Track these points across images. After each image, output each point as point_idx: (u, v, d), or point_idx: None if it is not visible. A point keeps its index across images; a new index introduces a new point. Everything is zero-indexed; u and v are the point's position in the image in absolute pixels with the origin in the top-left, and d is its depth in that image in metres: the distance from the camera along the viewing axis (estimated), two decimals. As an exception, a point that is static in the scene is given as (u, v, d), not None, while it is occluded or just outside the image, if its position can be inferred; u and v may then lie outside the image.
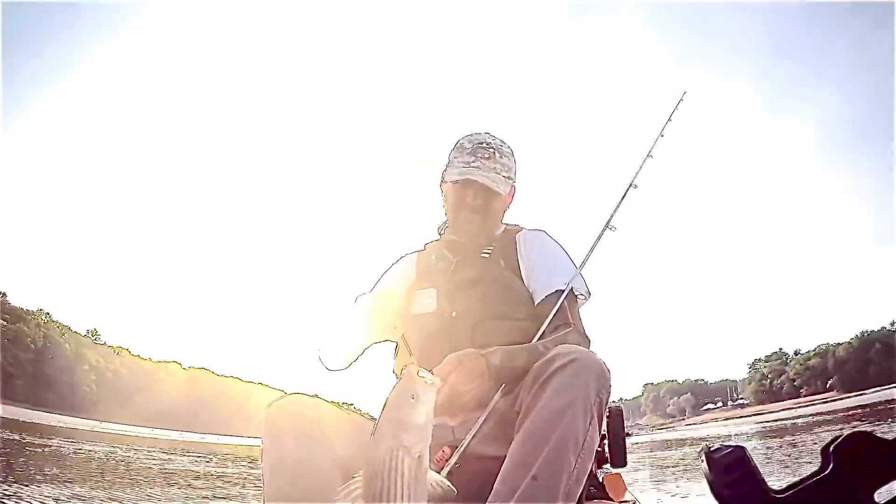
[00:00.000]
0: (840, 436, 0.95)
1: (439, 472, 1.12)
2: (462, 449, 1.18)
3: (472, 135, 1.60)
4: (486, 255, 1.57)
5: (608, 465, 1.63)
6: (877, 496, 0.89)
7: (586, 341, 1.38)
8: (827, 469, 0.94)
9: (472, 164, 1.53)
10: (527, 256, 1.55)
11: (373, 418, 1.21)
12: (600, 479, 1.56)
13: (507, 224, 1.69)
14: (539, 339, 1.33)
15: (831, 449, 0.95)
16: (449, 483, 0.98)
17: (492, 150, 1.55)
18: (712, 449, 1.16)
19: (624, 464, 1.60)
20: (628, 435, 1.64)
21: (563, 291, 1.43)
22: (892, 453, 0.89)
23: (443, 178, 1.64)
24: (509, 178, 1.59)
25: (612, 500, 1.51)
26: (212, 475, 9.93)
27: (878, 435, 0.92)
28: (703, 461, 1.18)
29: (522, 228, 1.66)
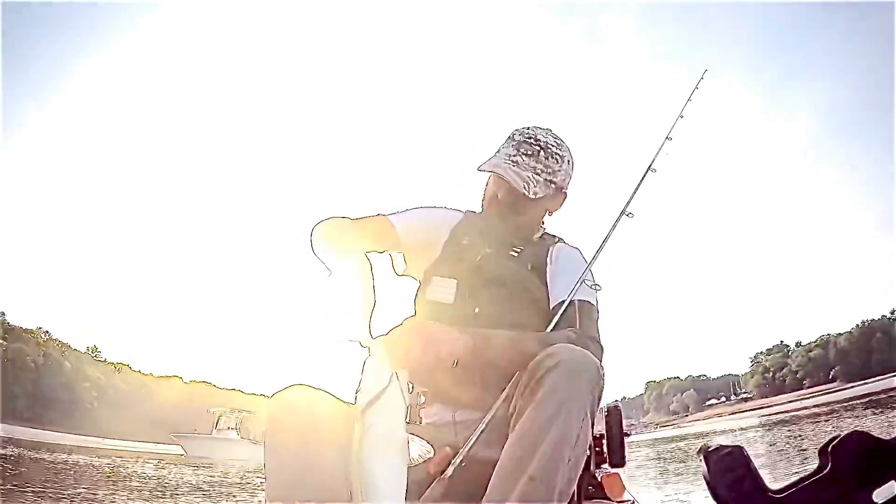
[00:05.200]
0: (838, 436, 0.95)
1: (442, 473, 1.13)
2: (467, 449, 1.16)
3: (527, 128, 1.49)
4: (515, 255, 1.49)
5: (606, 465, 1.61)
6: (875, 496, 0.89)
7: (595, 346, 1.30)
8: (825, 469, 0.94)
9: (512, 158, 1.43)
10: (554, 267, 1.48)
11: None
12: (598, 479, 1.54)
13: (547, 231, 1.60)
14: None
15: (829, 449, 0.95)
16: (425, 441, 1.00)
17: (538, 147, 1.44)
18: (710, 449, 1.15)
19: (622, 463, 1.58)
20: (627, 434, 1.62)
21: (573, 301, 1.37)
22: (890, 453, 0.90)
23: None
24: (551, 181, 1.46)
25: (610, 499, 1.50)
26: (213, 485, 9.90)
27: (876, 435, 0.92)
28: (701, 461, 1.18)
29: (560, 241, 1.57)
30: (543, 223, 1.60)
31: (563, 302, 1.37)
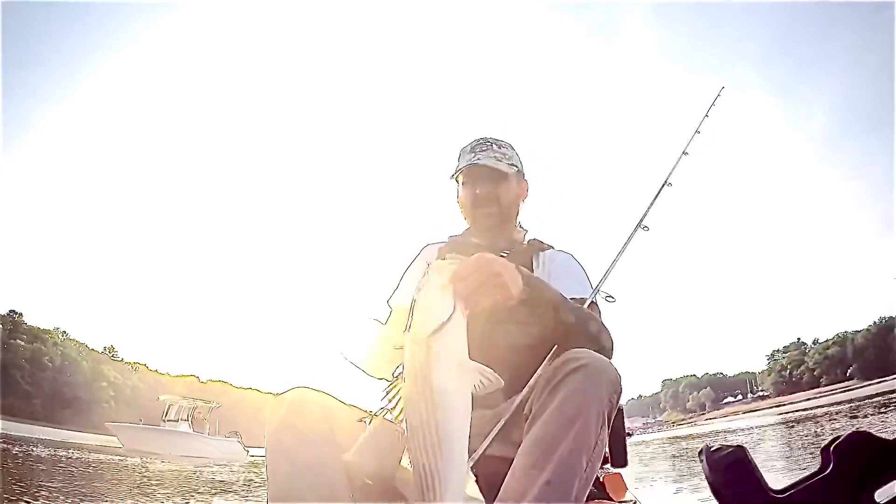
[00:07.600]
0: (840, 436, 0.94)
1: None
2: (486, 445, 1.17)
3: (472, 140, 1.66)
4: (503, 257, 1.53)
5: (608, 465, 1.60)
6: (877, 496, 0.88)
7: (608, 333, 1.34)
8: (827, 469, 0.93)
9: (475, 158, 1.58)
10: (547, 269, 1.55)
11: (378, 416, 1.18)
12: (601, 479, 1.53)
13: (536, 238, 1.69)
14: (555, 349, 1.27)
15: (831, 449, 0.94)
16: (492, 371, 0.92)
17: (489, 143, 1.62)
18: (712, 449, 1.15)
19: (625, 464, 1.58)
20: (629, 434, 1.61)
21: (585, 298, 1.44)
22: (892, 453, 0.88)
23: (455, 180, 1.66)
24: (514, 166, 1.63)
25: (612, 499, 1.49)
26: (229, 483, 9.99)
27: (878, 435, 0.90)
28: (702, 461, 1.17)
29: (550, 248, 1.66)
30: (524, 228, 1.70)
31: (580, 299, 1.42)
